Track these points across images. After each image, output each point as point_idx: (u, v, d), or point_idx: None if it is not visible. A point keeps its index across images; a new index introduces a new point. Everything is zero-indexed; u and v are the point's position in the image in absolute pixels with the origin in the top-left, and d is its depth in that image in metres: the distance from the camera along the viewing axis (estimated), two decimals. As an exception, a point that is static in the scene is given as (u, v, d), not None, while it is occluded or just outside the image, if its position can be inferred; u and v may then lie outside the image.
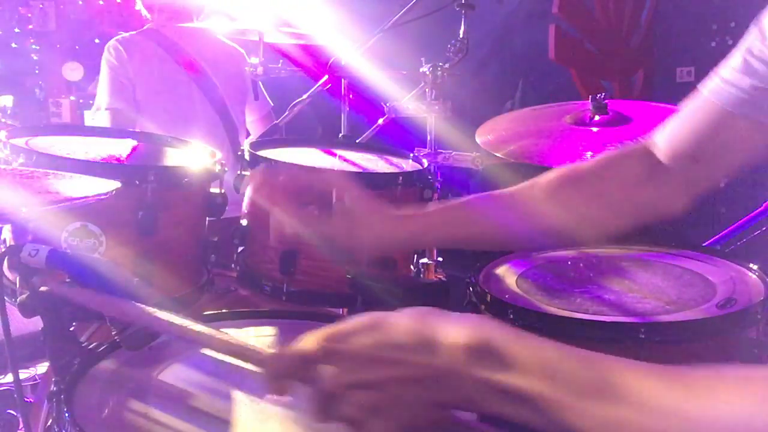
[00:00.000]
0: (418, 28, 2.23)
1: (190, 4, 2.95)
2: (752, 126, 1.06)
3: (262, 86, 3.04)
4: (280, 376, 0.77)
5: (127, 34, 2.95)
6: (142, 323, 0.94)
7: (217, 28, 2.86)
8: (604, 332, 1.46)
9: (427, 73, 2.07)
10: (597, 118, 1.72)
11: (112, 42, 2.89)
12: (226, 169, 1.64)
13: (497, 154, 1.75)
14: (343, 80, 2.31)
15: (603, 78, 3.72)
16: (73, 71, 5.61)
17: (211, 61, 2.95)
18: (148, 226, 1.43)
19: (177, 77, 2.86)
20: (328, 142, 1.99)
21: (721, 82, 1.07)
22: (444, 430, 0.74)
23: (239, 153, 1.72)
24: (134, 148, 1.76)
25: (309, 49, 2.62)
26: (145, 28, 2.99)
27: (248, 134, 3.09)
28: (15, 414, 2.03)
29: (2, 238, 1.45)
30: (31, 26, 5.86)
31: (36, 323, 1.03)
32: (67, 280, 1.01)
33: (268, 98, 3.15)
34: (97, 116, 2.88)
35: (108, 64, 2.84)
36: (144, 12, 3.02)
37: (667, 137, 1.15)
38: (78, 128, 2.46)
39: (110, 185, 1.11)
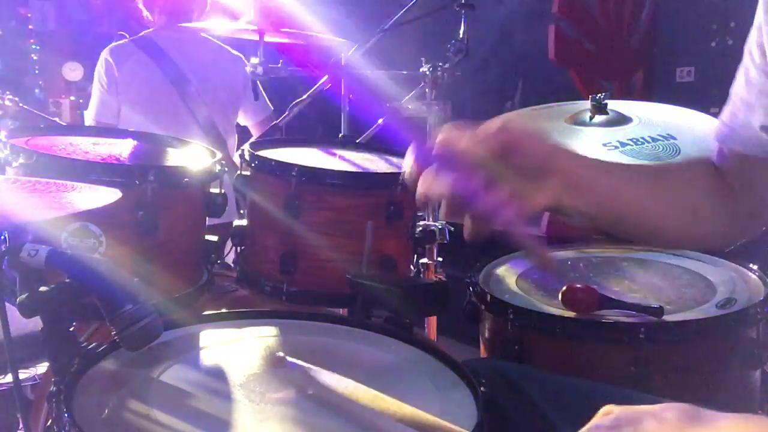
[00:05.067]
0: (418, 28, 2.24)
1: (191, 3, 2.95)
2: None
3: (262, 89, 3.05)
4: None
5: (121, 42, 2.96)
6: None
7: (216, 28, 2.87)
8: (605, 332, 1.46)
9: (427, 73, 2.07)
10: (597, 118, 1.71)
11: (105, 51, 2.92)
12: (226, 169, 1.64)
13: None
14: (343, 80, 2.31)
15: (603, 78, 3.72)
16: (73, 71, 5.61)
17: (204, 70, 2.95)
18: (148, 226, 1.43)
19: (162, 91, 2.87)
20: (328, 142, 1.99)
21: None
22: None
23: (240, 153, 1.73)
24: (134, 148, 1.76)
25: (309, 49, 2.62)
26: (142, 33, 2.99)
27: (241, 139, 3.09)
28: (15, 414, 2.03)
29: (2, 237, 1.45)
30: (31, 26, 5.87)
31: (36, 323, 1.03)
32: (67, 280, 1.01)
33: (268, 101, 3.15)
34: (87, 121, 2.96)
35: (98, 78, 2.89)
36: (145, 12, 3.02)
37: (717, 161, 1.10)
38: (78, 128, 2.46)
39: (111, 195, 1.10)
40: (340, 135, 2.36)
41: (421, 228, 1.81)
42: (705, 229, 1.09)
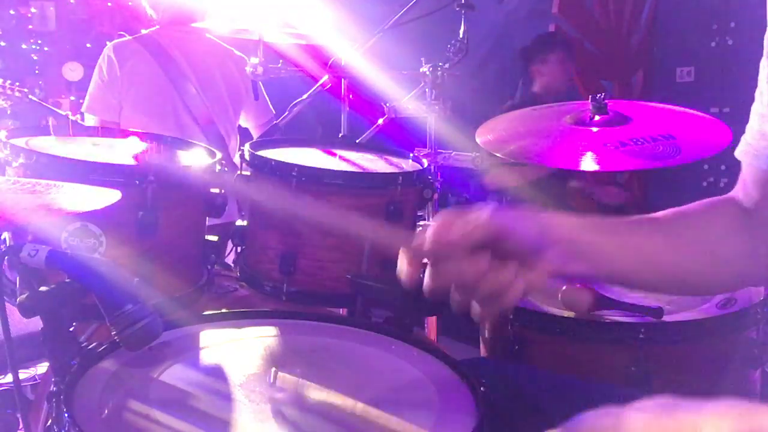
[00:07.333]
0: (418, 28, 2.24)
1: (194, 4, 2.95)
2: None
3: (265, 93, 3.04)
4: None
5: (124, 39, 2.96)
6: None
7: (217, 29, 2.86)
8: (605, 332, 1.46)
9: (427, 73, 2.07)
10: (597, 118, 1.71)
11: (108, 47, 2.91)
12: (226, 169, 1.64)
13: (497, 154, 1.75)
14: (343, 80, 2.31)
15: (603, 78, 3.72)
16: (73, 71, 5.61)
17: (206, 71, 2.95)
18: (148, 226, 1.43)
19: (163, 90, 2.87)
20: (328, 142, 1.99)
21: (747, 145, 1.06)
22: None
23: (240, 153, 1.73)
24: (134, 148, 1.76)
25: (309, 49, 2.62)
26: (144, 32, 2.99)
27: (241, 139, 3.09)
28: (15, 414, 2.03)
29: (2, 237, 1.45)
30: (31, 26, 5.87)
31: (36, 323, 1.03)
32: (67, 280, 1.01)
33: (271, 106, 3.15)
34: (86, 118, 2.93)
35: (99, 74, 2.88)
36: (149, 12, 3.02)
37: (740, 194, 1.10)
38: (78, 128, 2.46)
39: (112, 195, 1.10)
40: (340, 135, 2.36)
41: (421, 228, 1.81)
42: (728, 271, 1.07)
